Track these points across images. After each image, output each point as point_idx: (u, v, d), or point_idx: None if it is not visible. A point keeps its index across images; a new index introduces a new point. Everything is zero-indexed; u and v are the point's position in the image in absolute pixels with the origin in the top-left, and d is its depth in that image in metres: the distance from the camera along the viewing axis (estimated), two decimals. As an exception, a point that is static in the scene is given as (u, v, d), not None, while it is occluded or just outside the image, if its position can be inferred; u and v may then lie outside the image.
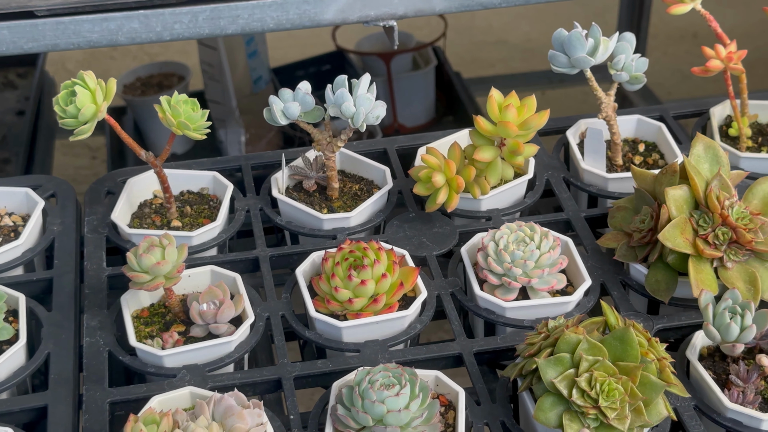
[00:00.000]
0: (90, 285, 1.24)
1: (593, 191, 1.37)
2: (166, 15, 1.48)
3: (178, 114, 1.23)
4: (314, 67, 2.83)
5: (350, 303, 1.17)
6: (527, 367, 1.07)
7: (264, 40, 2.68)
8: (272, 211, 1.35)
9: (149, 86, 2.71)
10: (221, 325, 1.17)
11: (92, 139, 3.25)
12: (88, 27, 1.46)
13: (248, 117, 2.62)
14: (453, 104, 2.75)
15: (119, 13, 1.47)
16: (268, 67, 2.71)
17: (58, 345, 1.15)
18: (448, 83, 2.76)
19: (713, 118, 1.42)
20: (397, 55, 2.68)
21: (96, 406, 1.10)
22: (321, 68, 2.81)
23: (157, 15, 1.47)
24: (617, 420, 1.02)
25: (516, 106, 1.27)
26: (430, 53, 2.76)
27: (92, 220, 1.33)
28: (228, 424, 1.03)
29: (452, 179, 1.29)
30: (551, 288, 1.21)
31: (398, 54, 2.68)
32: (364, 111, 1.25)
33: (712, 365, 1.13)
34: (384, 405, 1.03)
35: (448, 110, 2.79)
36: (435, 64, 2.72)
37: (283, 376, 1.14)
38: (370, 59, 2.71)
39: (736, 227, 1.16)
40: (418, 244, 1.30)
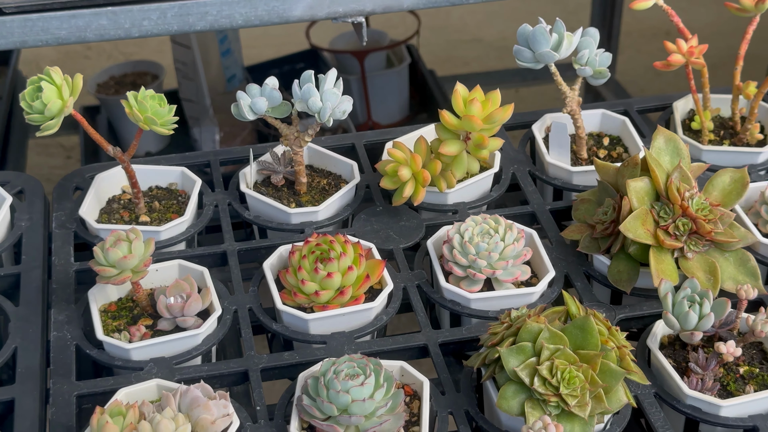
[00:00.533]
0: (58, 280, 1.24)
1: (558, 184, 1.38)
2: (134, 12, 1.49)
3: (145, 109, 1.24)
4: (288, 65, 2.84)
5: (317, 295, 1.18)
6: (490, 357, 1.09)
7: (237, 38, 2.69)
8: (241, 205, 1.36)
9: (123, 85, 2.71)
10: (188, 318, 1.18)
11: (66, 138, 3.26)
12: (56, 24, 1.47)
13: (222, 115, 2.62)
14: (427, 102, 2.77)
15: (87, 10, 1.47)
16: (241, 65, 2.72)
17: (25, 339, 1.16)
18: (421, 81, 2.77)
19: (676, 112, 1.44)
20: (371, 53, 2.69)
21: (63, 399, 1.10)
22: (295, 66, 2.82)
23: (126, 12, 1.48)
24: (578, 407, 1.03)
25: (480, 100, 1.29)
26: (404, 51, 2.78)
27: (60, 215, 1.33)
28: (194, 415, 1.04)
29: (418, 173, 1.30)
30: (515, 279, 1.23)
31: (372, 52, 2.69)
32: (330, 106, 1.26)
33: (672, 353, 1.15)
34: (349, 395, 1.04)
35: (421, 108, 2.81)
36: (409, 62, 2.74)
37: (250, 368, 1.15)
38: (344, 57, 2.72)
39: (696, 218, 1.18)
40: (385, 237, 1.31)
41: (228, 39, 2.66)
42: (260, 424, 1.09)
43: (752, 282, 1.18)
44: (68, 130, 2.95)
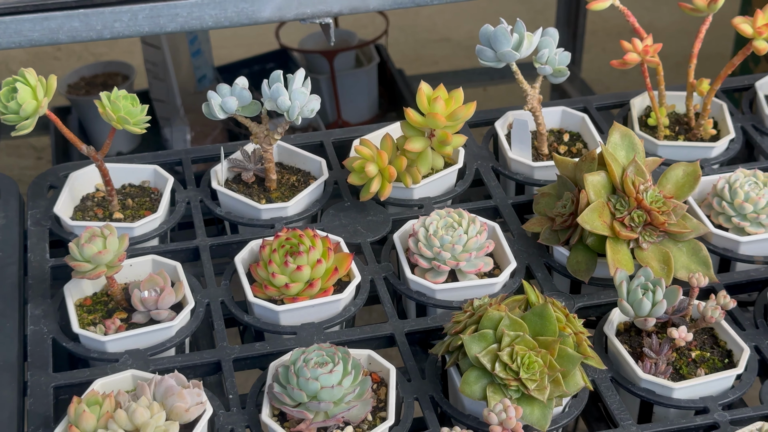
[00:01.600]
0: (33, 276, 1.27)
1: (520, 179, 1.43)
2: (106, 14, 1.52)
3: (118, 109, 1.28)
4: (258, 65, 2.87)
5: (287, 288, 1.23)
6: (453, 344, 1.13)
7: (207, 39, 2.72)
8: (212, 202, 1.40)
9: (93, 86, 2.73)
10: (162, 311, 1.22)
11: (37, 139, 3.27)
12: (29, 26, 1.50)
13: (193, 115, 2.65)
14: (395, 100, 2.81)
15: (60, 12, 1.50)
16: (212, 65, 2.75)
17: (2, 333, 1.20)
18: (390, 80, 2.81)
19: (633, 108, 1.49)
20: (340, 52, 2.72)
21: (41, 390, 1.14)
22: (265, 66, 2.85)
23: (98, 14, 1.52)
24: (537, 391, 1.08)
25: (444, 98, 1.33)
26: (373, 51, 2.82)
27: (35, 213, 1.36)
28: (168, 404, 1.08)
29: (384, 169, 1.35)
30: (478, 270, 1.27)
31: (341, 52, 2.73)
32: (299, 105, 1.30)
33: (628, 340, 1.20)
34: (318, 382, 1.08)
35: (391, 106, 2.85)
36: (377, 62, 2.78)
37: (223, 359, 1.19)
38: (313, 57, 2.75)
39: (651, 210, 1.23)
40: (353, 231, 1.36)
41: (198, 40, 2.69)
42: (233, 411, 1.13)
43: (704, 271, 1.23)
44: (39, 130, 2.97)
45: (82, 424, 1.05)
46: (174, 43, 2.61)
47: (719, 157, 1.45)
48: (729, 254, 1.30)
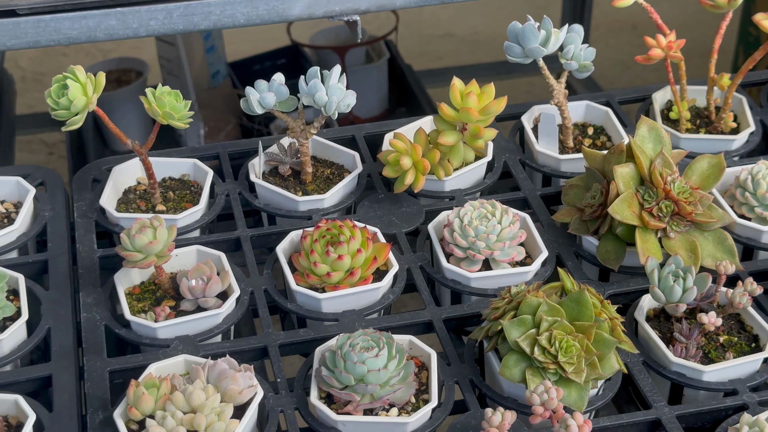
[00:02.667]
0: (83, 265, 1.32)
1: (547, 171, 1.48)
2: (142, 12, 1.56)
3: (163, 104, 1.32)
4: (270, 61, 2.91)
5: (328, 276, 1.27)
6: (493, 329, 1.18)
7: (221, 35, 2.76)
8: (250, 194, 1.45)
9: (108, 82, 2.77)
10: (209, 299, 1.26)
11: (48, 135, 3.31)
12: (68, 24, 1.54)
13: (207, 111, 2.69)
14: (405, 96, 2.85)
15: (98, 10, 1.55)
16: (225, 61, 2.79)
17: (57, 320, 1.24)
18: (400, 76, 2.86)
19: (655, 102, 1.54)
20: (351, 48, 2.77)
21: (97, 374, 1.18)
22: (276, 62, 2.89)
23: (134, 12, 1.56)
24: (574, 373, 1.13)
25: (476, 93, 1.38)
26: (383, 47, 2.86)
27: (81, 205, 1.41)
28: (222, 386, 1.13)
29: (418, 162, 1.40)
30: (511, 259, 1.32)
31: (352, 48, 2.77)
32: (336, 100, 1.35)
33: (657, 325, 1.25)
34: (364, 365, 1.13)
35: (400, 102, 2.89)
36: (387, 57, 2.82)
37: (269, 344, 1.23)
38: (324, 53, 2.80)
39: (678, 200, 1.28)
40: (388, 222, 1.40)
41: (212, 36, 2.73)
42: (281, 394, 1.18)
43: (730, 259, 1.28)
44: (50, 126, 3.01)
45: (141, 406, 1.10)
46: (188, 40, 2.65)
47: (740, 149, 1.50)
48: (752, 243, 1.35)
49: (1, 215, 1.38)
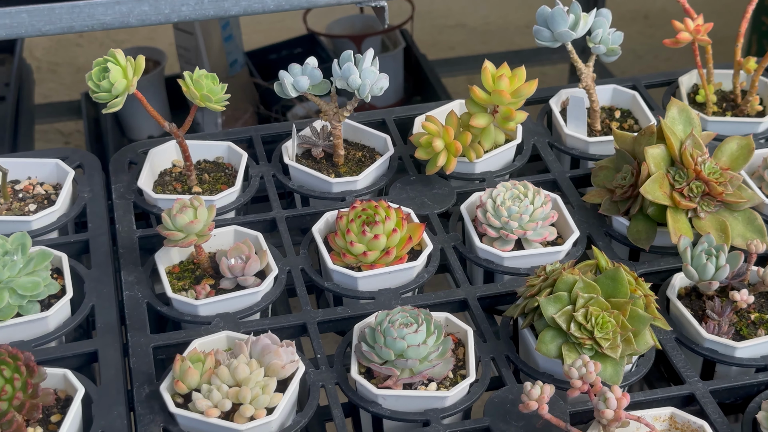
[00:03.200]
0: (123, 245, 1.34)
1: (576, 154, 1.50)
2: (174, -2, 1.58)
3: (201, 87, 1.34)
4: (286, 50, 2.93)
5: (364, 255, 1.30)
6: (529, 306, 1.21)
7: (238, 24, 2.78)
8: (284, 177, 1.47)
9: (125, 70, 2.79)
10: (248, 278, 1.29)
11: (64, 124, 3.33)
12: (102, 10, 1.56)
13: (224, 99, 2.71)
14: (421, 84, 2.87)
15: (131, -4, 1.57)
16: (242, 51, 2.81)
17: (100, 298, 1.26)
18: (415, 64, 2.88)
19: (682, 86, 1.56)
20: (367, 37, 2.79)
21: (141, 350, 1.21)
22: (293, 51, 2.92)
23: (166, -2, 1.58)
24: (610, 349, 1.15)
25: (508, 76, 1.40)
26: (398, 36, 2.88)
27: (119, 187, 1.43)
28: (265, 361, 1.15)
29: (450, 144, 1.42)
30: (544, 239, 1.35)
31: (368, 37, 2.79)
32: (369, 83, 1.37)
33: (689, 303, 1.27)
34: (404, 341, 1.15)
35: (416, 90, 2.92)
36: (403, 46, 2.84)
37: (308, 321, 1.26)
38: (340, 42, 2.82)
39: (708, 181, 1.30)
40: (420, 203, 1.43)
41: (230, 25, 2.75)
42: (322, 370, 1.20)
43: (759, 238, 1.31)
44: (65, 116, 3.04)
45: (187, 380, 1.13)
46: (206, 29, 2.67)
47: (766, 132, 1.52)
48: (780, 223, 1.37)
49: (41, 197, 1.41)
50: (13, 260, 1.20)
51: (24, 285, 1.20)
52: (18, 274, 1.21)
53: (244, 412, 1.11)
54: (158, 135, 2.73)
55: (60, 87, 3.60)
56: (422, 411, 1.15)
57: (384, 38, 2.90)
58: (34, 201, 1.40)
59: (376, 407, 1.16)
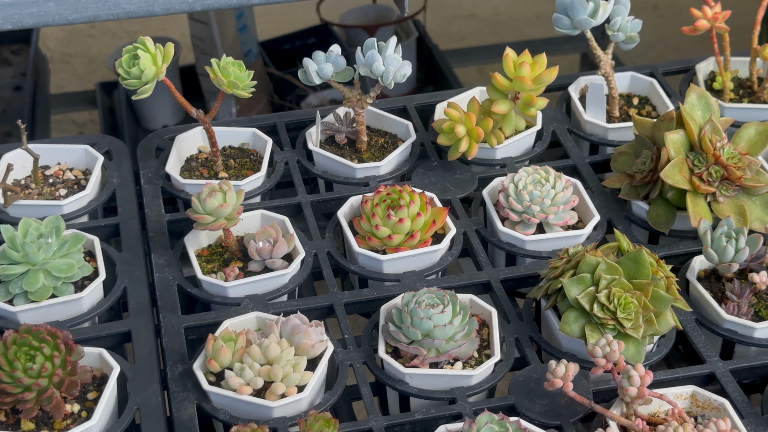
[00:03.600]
0: (153, 229, 1.37)
1: (595, 140, 1.53)
2: (198, -14, 1.61)
3: (228, 74, 1.37)
4: (300, 40, 2.95)
5: (389, 239, 1.32)
6: (552, 288, 1.23)
7: (252, 14, 2.80)
8: (308, 162, 1.50)
9: (141, 61, 2.81)
10: (276, 261, 1.31)
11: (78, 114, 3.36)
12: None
13: (239, 89, 2.73)
14: (433, 74, 2.89)
15: (156, -15, 1.59)
16: (256, 41, 2.83)
17: (132, 280, 1.29)
18: (428, 55, 2.90)
19: (699, 73, 1.59)
20: (380, 27, 2.81)
21: (173, 330, 1.24)
22: (306, 41, 2.94)
23: (191, -14, 1.60)
24: (632, 329, 1.18)
25: (529, 63, 1.43)
26: (411, 26, 2.90)
27: (147, 173, 1.46)
28: (295, 341, 1.18)
29: (472, 130, 1.44)
30: (565, 223, 1.37)
31: (381, 27, 2.81)
32: (392, 70, 1.40)
33: (708, 285, 1.30)
34: (431, 321, 1.18)
35: (428, 80, 2.94)
36: (416, 37, 2.86)
37: (335, 303, 1.29)
38: (354, 32, 2.84)
39: (727, 166, 1.32)
40: (443, 188, 1.45)
41: (244, 15, 2.77)
42: (350, 349, 1.23)
43: (777, 222, 1.33)
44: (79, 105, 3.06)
45: (219, 358, 1.16)
46: (221, 19, 2.69)
47: (782, 118, 1.54)
48: (798, 207, 1.39)
49: (70, 182, 1.44)
50: (47, 243, 1.23)
51: (59, 267, 1.23)
52: (53, 257, 1.24)
53: (275, 390, 1.14)
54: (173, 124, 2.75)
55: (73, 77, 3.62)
56: (448, 389, 1.18)
57: (397, 28, 2.92)
58: (64, 186, 1.43)
59: (403, 386, 1.18)
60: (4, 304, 1.22)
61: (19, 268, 1.22)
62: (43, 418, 1.12)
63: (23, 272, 1.22)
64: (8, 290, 1.23)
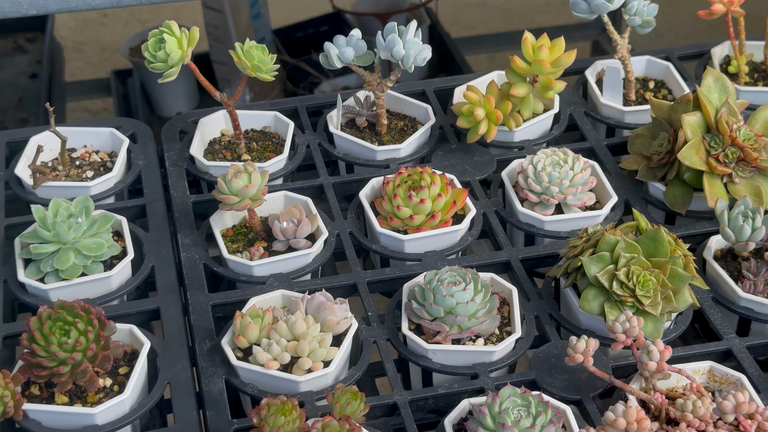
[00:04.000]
0: (178, 210, 1.40)
1: (611, 123, 1.55)
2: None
3: (252, 58, 1.39)
4: (312, 28, 2.97)
5: (411, 219, 1.35)
6: (571, 266, 1.26)
7: (266, 2, 2.82)
8: (329, 145, 1.52)
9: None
10: (300, 240, 1.34)
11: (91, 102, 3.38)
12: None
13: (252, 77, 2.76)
14: (445, 62, 2.91)
15: (178, -29, 1.61)
16: (270, 28, 2.86)
17: (159, 259, 1.32)
18: (440, 42, 2.92)
19: (714, 57, 1.61)
20: (393, 15, 2.83)
21: (201, 308, 1.26)
22: (319, 29, 2.96)
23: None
24: (651, 306, 1.20)
25: (548, 46, 1.45)
26: (423, 14, 2.92)
27: (171, 155, 1.49)
28: (321, 317, 1.21)
29: (491, 113, 1.47)
30: (583, 204, 1.39)
31: (394, 14, 2.83)
32: (413, 53, 1.42)
33: (724, 265, 1.32)
34: (453, 298, 1.21)
35: (440, 68, 2.96)
36: (428, 24, 2.88)
37: (358, 281, 1.31)
38: (366, 20, 2.85)
39: (743, 147, 1.35)
40: (462, 170, 1.48)
41: (258, 3, 2.79)
42: (373, 326, 1.25)
43: (792, 202, 1.35)
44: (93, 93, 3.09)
45: (247, 334, 1.18)
46: (235, 7, 2.72)
47: (797, 101, 1.56)
48: (812, 188, 1.42)
49: (97, 164, 1.46)
50: (77, 222, 1.26)
51: (89, 246, 1.26)
52: (82, 236, 1.26)
53: (302, 365, 1.17)
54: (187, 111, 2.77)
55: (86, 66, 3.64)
56: (471, 365, 1.21)
57: (409, 16, 2.94)
58: (91, 168, 1.45)
59: (426, 361, 1.21)
60: (35, 281, 1.25)
61: (50, 247, 1.25)
62: (77, 391, 1.15)
63: (54, 251, 1.25)
64: (39, 268, 1.25)
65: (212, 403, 1.16)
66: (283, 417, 1.03)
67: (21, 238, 1.29)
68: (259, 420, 1.04)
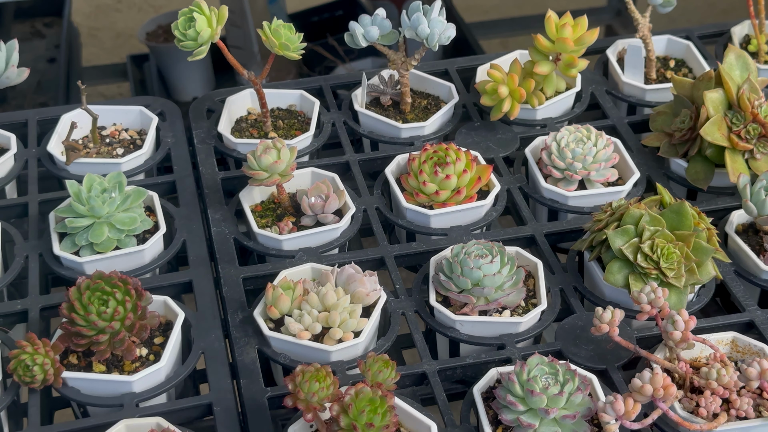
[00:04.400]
0: (208, 186, 1.42)
1: (633, 101, 1.57)
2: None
3: (279, 36, 1.41)
4: (328, 12, 2.99)
5: (437, 195, 1.37)
6: (596, 240, 1.28)
7: (281, -13, 2.84)
8: (354, 123, 1.54)
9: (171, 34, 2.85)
10: (328, 215, 1.36)
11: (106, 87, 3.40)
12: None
13: (268, 61, 2.78)
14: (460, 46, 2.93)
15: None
16: (285, 13, 2.88)
17: (191, 233, 1.34)
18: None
19: (734, 36, 1.63)
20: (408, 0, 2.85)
21: (232, 280, 1.29)
22: (334, 14, 2.97)
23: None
24: (675, 278, 1.22)
25: (571, 24, 1.47)
26: (438, -2, 2.93)
27: (200, 133, 1.51)
28: (350, 289, 1.23)
29: (515, 90, 1.49)
30: (606, 180, 1.42)
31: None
32: (437, 32, 1.44)
33: (746, 239, 1.34)
34: (480, 270, 1.23)
35: (455, 52, 2.97)
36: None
37: (386, 255, 1.34)
38: (381, 4, 2.87)
39: (765, 123, 1.36)
40: (486, 148, 1.50)
41: (274, -12, 2.81)
42: (401, 299, 1.28)
43: (813, 177, 1.37)
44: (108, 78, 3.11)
45: (279, 305, 1.21)
46: (252, -9, 2.73)
47: (816, 79, 1.58)
48: (832, 164, 1.43)
49: (126, 141, 1.49)
50: (111, 197, 1.28)
51: (122, 220, 1.28)
52: (116, 210, 1.29)
53: (333, 335, 1.19)
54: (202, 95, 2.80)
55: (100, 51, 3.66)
56: (497, 336, 1.23)
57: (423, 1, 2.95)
58: (121, 145, 1.48)
59: (454, 332, 1.23)
60: (71, 255, 1.28)
61: (84, 221, 1.27)
62: (113, 360, 1.17)
63: (89, 225, 1.28)
64: (74, 242, 1.28)
65: (246, 372, 1.18)
66: (317, 383, 1.05)
67: (56, 213, 1.32)
68: (294, 386, 1.06)
